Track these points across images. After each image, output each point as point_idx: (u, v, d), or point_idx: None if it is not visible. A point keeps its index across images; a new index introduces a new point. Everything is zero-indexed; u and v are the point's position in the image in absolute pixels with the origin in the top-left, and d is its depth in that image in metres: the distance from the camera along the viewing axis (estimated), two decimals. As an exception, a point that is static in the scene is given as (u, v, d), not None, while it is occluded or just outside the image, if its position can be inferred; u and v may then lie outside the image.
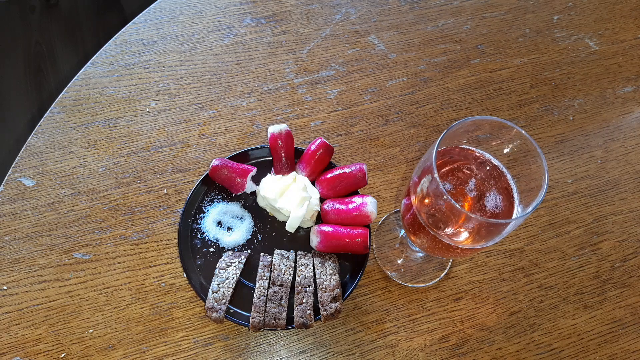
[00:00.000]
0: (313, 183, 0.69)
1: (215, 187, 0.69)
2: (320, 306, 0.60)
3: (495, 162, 0.52)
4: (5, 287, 0.65)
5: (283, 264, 0.63)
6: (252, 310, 0.60)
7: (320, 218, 0.68)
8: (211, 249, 0.66)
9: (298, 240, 0.67)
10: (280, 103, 0.79)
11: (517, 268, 0.70)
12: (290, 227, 0.65)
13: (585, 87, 0.83)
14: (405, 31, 0.86)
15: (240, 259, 0.63)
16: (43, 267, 0.66)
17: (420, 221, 0.50)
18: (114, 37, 0.82)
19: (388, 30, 0.86)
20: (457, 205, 0.43)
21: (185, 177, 0.73)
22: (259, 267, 0.63)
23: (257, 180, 0.69)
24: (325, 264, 0.63)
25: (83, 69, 0.79)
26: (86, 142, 0.74)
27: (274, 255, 0.64)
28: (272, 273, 0.62)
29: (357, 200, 0.64)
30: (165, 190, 0.72)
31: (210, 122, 0.77)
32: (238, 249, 0.66)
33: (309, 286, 0.61)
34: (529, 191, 0.48)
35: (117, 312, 0.64)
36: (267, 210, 0.68)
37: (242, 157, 0.70)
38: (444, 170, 0.52)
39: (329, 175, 0.66)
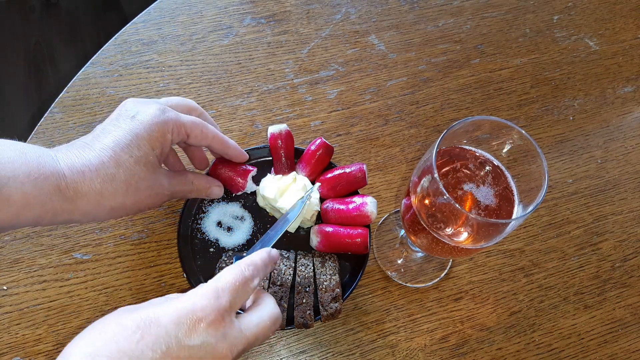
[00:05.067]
0: (313, 183, 0.69)
1: (215, 187, 0.69)
2: (320, 306, 0.60)
3: (496, 162, 0.52)
4: (5, 287, 0.65)
5: (283, 264, 0.63)
6: (252, 310, 0.60)
7: (320, 218, 0.68)
8: (211, 249, 0.66)
9: (298, 240, 0.67)
10: (280, 103, 0.79)
11: (517, 268, 0.70)
12: (290, 227, 0.65)
13: (586, 87, 0.83)
14: (406, 31, 0.86)
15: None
16: (43, 267, 0.66)
17: (420, 221, 0.50)
18: (113, 37, 0.82)
19: (388, 30, 0.86)
20: (457, 205, 0.43)
21: (185, 177, 0.72)
22: (259, 267, 0.63)
23: (257, 180, 0.69)
24: (325, 264, 0.63)
25: (83, 69, 0.79)
26: (86, 142, 0.74)
27: (274, 255, 0.64)
28: (271, 273, 0.62)
29: (357, 200, 0.64)
30: (165, 190, 0.71)
31: (210, 122, 0.77)
32: (238, 249, 0.66)
33: (309, 286, 0.61)
34: (529, 191, 0.48)
35: (117, 312, 0.64)
36: (267, 210, 0.68)
37: (242, 157, 0.70)
38: (444, 170, 0.52)
39: (329, 175, 0.66)
